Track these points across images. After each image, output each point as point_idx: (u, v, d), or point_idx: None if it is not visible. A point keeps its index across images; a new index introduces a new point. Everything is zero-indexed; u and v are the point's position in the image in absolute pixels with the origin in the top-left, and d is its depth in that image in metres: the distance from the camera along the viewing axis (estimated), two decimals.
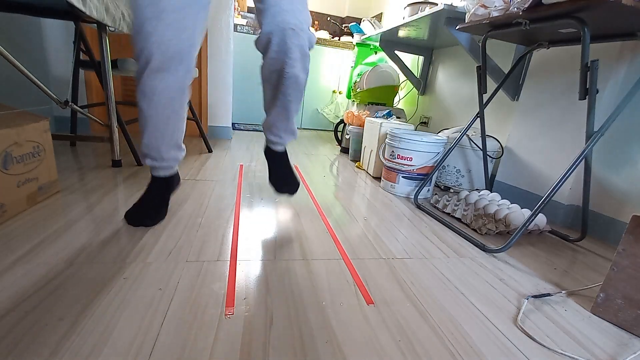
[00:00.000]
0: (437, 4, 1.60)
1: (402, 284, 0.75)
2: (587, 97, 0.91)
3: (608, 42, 1.07)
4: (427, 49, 2.28)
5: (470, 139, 1.48)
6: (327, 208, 1.17)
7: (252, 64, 2.88)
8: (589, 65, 0.88)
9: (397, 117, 1.90)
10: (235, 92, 2.88)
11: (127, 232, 0.84)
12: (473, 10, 1.08)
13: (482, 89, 1.28)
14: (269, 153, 1.08)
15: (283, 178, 1.09)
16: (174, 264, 0.72)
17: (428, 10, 1.51)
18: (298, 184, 1.12)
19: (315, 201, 1.23)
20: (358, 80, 2.31)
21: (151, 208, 0.91)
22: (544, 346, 0.60)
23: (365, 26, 2.54)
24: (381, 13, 3.09)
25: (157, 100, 0.80)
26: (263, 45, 0.86)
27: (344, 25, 3.48)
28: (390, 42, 2.27)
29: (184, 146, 0.94)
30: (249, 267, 0.74)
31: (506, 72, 1.31)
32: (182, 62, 0.79)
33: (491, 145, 1.49)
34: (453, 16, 1.43)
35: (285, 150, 1.09)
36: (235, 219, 1.00)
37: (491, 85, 1.40)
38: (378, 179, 1.66)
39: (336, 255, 0.84)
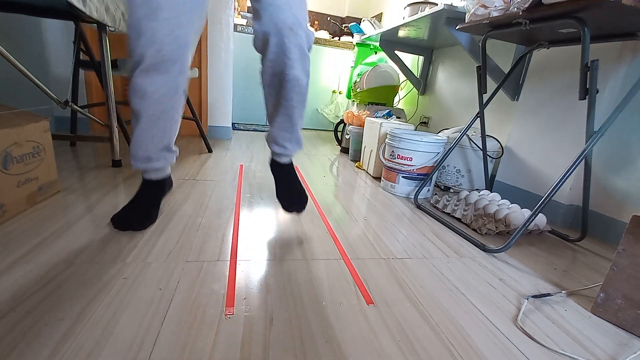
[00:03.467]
0: (437, 4, 1.60)
1: (402, 284, 0.75)
2: (587, 97, 0.91)
3: (608, 42, 1.07)
4: (427, 49, 2.28)
5: (470, 139, 1.48)
6: (327, 208, 1.17)
7: (252, 64, 2.88)
8: (589, 65, 0.88)
9: (397, 117, 1.89)
10: (235, 92, 2.87)
11: (127, 232, 0.84)
12: (473, 10, 1.08)
13: (482, 89, 1.28)
14: (275, 166, 1.00)
15: (290, 193, 0.99)
16: (174, 264, 0.72)
17: (428, 10, 1.51)
18: (306, 199, 1.02)
19: (315, 201, 1.23)
20: (358, 80, 2.31)
21: (141, 212, 0.88)
22: (544, 346, 0.60)
23: (365, 26, 2.54)
24: (381, 13, 3.09)
25: (148, 101, 0.77)
26: (261, 46, 0.83)
27: (344, 25, 3.48)
28: (390, 42, 2.27)
29: (176, 148, 0.91)
30: (249, 267, 0.74)
31: (506, 72, 1.31)
32: (175, 62, 0.76)
33: (491, 145, 1.49)
34: (453, 16, 1.43)
35: (292, 163, 1.01)
36: (235, 219, 1.00)
37: (491, 85, 1.40)
38: (378, 179, 1.66)
39: (336, 255, 0.84)
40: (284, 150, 0.95)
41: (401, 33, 1.95)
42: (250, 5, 0.83)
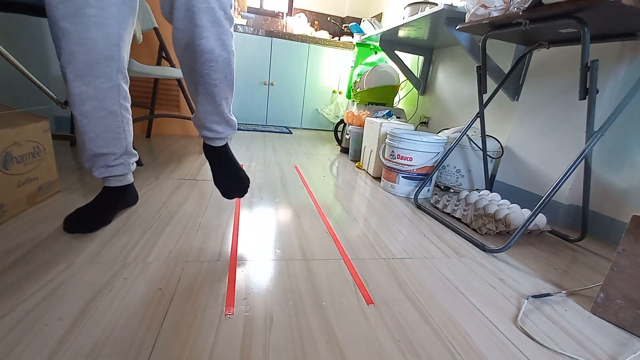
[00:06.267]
0: (437, 4, 1.60)
1: (402, 284, 0.75)
2: (587, 97, 0.91)
3: (608, 42, 1.07)
4: (427, 49, 2.28)
5: (470, 139, 1.48)
6: (327, 208, 1.17)
7: (252, 64, 2.88)
8: (589, 65, 0.88)
9: (397, 117, 1.89)
10: (235, 92, 2.88)
11: (127, 232, 0.84)
12: (473, 10, 1.08)
13: (482, 89, 1.28)
14: (209, 150, 0.90)
15: (229, 178, 0.90)
16: (174, 264, 0.72)
17: (428, 10, 1.51)
18: (248, 183, 0.93)
19: (315, 201, 1.23)
20: (358, 80, 2.31)
21: (92, 214, 0.83)
22: (544, 346, 0.60)
23: (365, 26, 2.54)
24: (381, 13, 3.09)
25: (91, 106, 0.72)
26: (167, 12, 0.72)
27: (344, 25, 3.48)
28: (390, 42, 2.27)
29: (134, 151, 0.87)
30: (249, 267, 0.74)
31: (506, 72, 1.31)
32: (112, 60, 0.71)
33: (491, 145, 1.49)
34: (453, 16, 1.43)
35: (226, 145, 0.91)
36: (235, 219, 1.00)
37: (491, 85, 1.40)
38: (378, 179, 1.66)
39: (336, 255, 0.84)
40: (214, 134, 0.86)
41: (401, 33, 1.95)
42: None
